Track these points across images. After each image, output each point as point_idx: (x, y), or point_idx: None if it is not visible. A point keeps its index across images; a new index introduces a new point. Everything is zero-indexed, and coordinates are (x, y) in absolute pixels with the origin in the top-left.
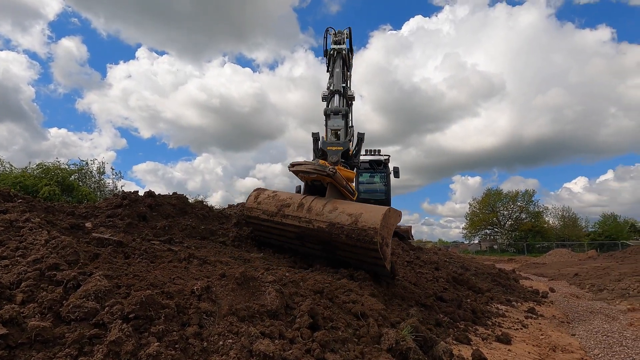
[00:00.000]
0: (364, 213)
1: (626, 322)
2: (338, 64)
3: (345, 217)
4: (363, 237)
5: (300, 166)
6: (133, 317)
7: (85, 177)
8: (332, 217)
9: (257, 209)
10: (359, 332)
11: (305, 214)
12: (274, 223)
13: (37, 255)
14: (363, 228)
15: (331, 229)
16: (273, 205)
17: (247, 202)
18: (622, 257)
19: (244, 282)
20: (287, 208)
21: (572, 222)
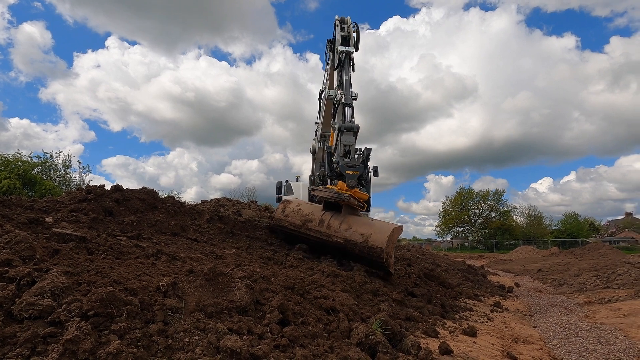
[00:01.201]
0: (373, 234)
1: (582, 314)
2: (348, 69)
3: (357, 236)
4: (372, 253)
5: (321, 192)
6: (92, 314)
7: (50, 171)
8: (347, 235)
9: (284, 220)
10: (329, 327)
11: (325, 229)
12: (299, 233)
13: None
14: (372, 247)
15: (346, 244)
16: (298, 219)
17: (275, 214)
18: (582, 254)
19: (213, 278)
20: (310, 223)
21: (538, 221)
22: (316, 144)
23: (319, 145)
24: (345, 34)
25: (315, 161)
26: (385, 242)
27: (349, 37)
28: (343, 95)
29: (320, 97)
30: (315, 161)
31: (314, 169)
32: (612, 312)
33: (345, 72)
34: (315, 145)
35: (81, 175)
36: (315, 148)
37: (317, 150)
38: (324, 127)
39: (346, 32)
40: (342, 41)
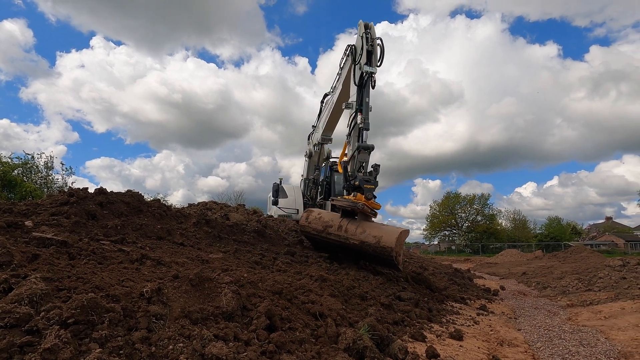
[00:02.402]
0: (384, 236)
1: (565, 316)
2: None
3: (371, 238)
4: (383, 252)
5: (340, 202)
6: (72, 322)
7: (31, 172)
8: (362, 238)
9: (308, 227)
10: (317, 332)
11: (344, 233)
12: (320, 237)
13: None
14: (383, 247)
15: (362, 245)
16: (319, 225)
17: (300, 221)
18: (564, 257)
19: (199, 284)
20: (330, 228)
21: (522, 225)
22: (312, 147)
23: (315, 150)
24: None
25: (310, 164)
26: (394, 243)
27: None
28: (364, 121)
29: (323, 101)
30: (310, 164)
31: (308, 172)
32: (593, 314)
33: (366, 93)
34: (311, 149)
35: (64, 177)
36: (311, 152)
37: (313, 154)
38: (325, 131)
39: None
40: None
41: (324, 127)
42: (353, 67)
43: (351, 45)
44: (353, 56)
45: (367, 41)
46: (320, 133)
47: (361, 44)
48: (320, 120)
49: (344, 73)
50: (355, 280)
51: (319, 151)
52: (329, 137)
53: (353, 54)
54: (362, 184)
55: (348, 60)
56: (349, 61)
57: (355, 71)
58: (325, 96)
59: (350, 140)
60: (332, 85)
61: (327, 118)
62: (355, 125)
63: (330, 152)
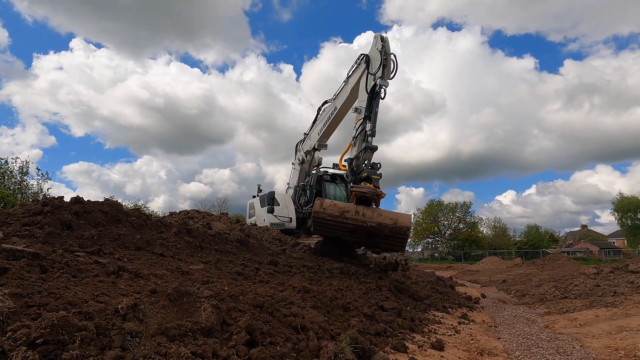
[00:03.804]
0: (400, 218)
1: (543, 324)
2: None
3: (388, 220)
4: (399, 232)
5: (360, 189)
6: (41, 342)
7: (4, 178)
8: (379, 220)
9: (323, 213)
10: (298, 347)
11: (361, 217)
12: (336, 222)
13: None
14: (400, 227)
15: (379, 227)
16: (335, 211)
17: (314, 208)
18: (542, 265)
19: (177, 298)
20: (347, 213)
21: (502, 232)
22: (304, 155)
23: (307, 158)
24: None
25: (300, 172)
26: (409, 223)
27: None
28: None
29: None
30: (300, 172)
31: (298, 179)
32: (569, 322)
33: (376, 104)
34: (303, 156)
35: (39, 183)
36: (303, 159)
37: (305, 161)
38: (322, 138)
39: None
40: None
41: (322, 133)
42: (367, 76)
43: (365, 55)
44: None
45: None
46: (316, 140)
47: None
48: (317, 127)
49: (352, 81)
50: (338, 291)
51: (310, 159)
52: (324, 144)
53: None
54: (371, 174)
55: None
56: (360, 70)
57: (368, 80)
58: (325, 103)
59: (356, 142)
60: (336, 93)
61: (328, 124)
62: (362, 131)
63: (321, 160)
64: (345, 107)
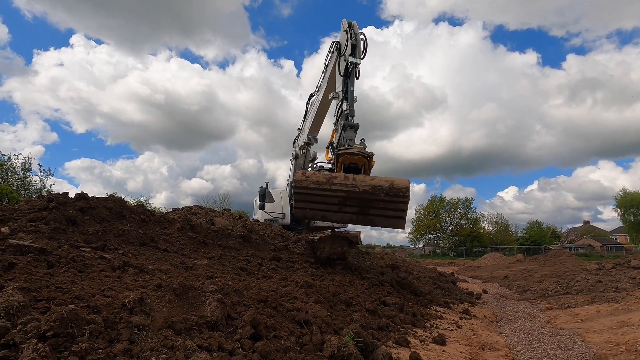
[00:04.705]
0: (396, 180)
1: (544, 319)
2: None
3: (383, 182)
4: (398, 193)
5: (347, 150)
6: (51, 335)
7: (7, 174)
8: (373, 183)
9: (306, 181)
10: (302, 340)
11: (352, 182)
12: (322, 190)
13: None
14: (398, 187)
15: (374, 190)
16: (322, 177)
17: (296, 177)
18: (544, 260)
19: (183, 293)
20: (335, 179)
21: (504, 228)
22: (298, 150)
23: (300, 152)
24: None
25: (296, 167)
26: (408, 184)
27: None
28: (349, 108)
29: (308, 102)
30: (296, 167)
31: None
32: (571, 317)
33: (351, 83)
34: (297, 152)
35: (42, 179)
36: (297, 154)
37: (299, 156)
38: (311, 131)
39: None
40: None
41: (310, 126)
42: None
43: (336, 42)
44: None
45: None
46: (307, 134)
47: (346, 38)
48: (307, 121)
49: (329, 70)
50: (340, 286)
51: (304, 154)
52: (314, 137)
53: (338, 49)
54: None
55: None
56: (334, 57)
57: (340, 63)
58: (311, 97)
59: (338, 127)
60: (317, 85)
61: (314, 116)
62: (341, 113)
63: (316, 154)
64: (326, 97)
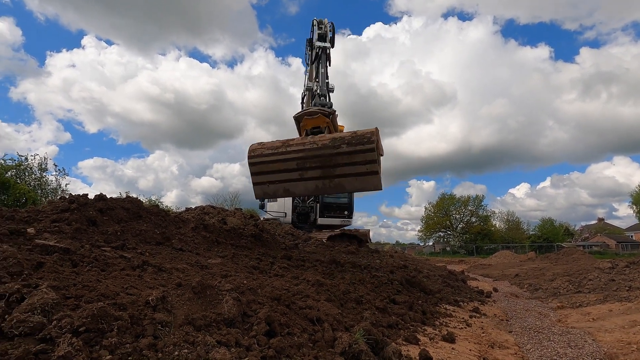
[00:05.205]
0: (359, 130)
1: (555, 318)
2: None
3: (345, 133)
4: (362, 140)
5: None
6: (83, 330)
7: (25, 174)
8: (334, 135)
9: (260, 149)
10: (314, 337)
11: (310, 139)
12: (278, 154)
13: None
14: (362, 134)
15: (334, 142)
16: (278, 142)
17: (250, 148)
18: (556, 259)
19: (201, 291)
20: (292, 141)
21: (516, 226)
22: None
23: None
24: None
25: None
26: (374, 128)
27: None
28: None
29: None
30: None
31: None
32: (582, 316)
33: (321, 65)
34: None
35: (57, 179)
36: None
37: None
38: None
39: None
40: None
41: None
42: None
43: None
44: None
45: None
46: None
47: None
48: None
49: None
50: (350, 285)
51: None
52: None
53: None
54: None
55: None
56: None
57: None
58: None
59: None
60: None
61: None
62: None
63: None
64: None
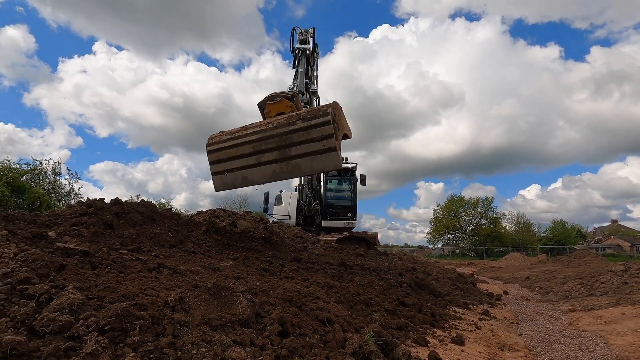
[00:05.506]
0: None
1: (566, 321)
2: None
3: (301, 112)
4: (317, 113)
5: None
6: (108, 329)
7: (39, 178)
8: (291, 114)
9: (219, 136)
10: (325, 338)
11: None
12: (234, 139)
13: (7, 269)
14: (318, 108)
15: (289, 120)
16: (237, 128)
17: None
18: (568, 261)
19: (216, 292)
20: (250, 125)
21: (526, 228)
22: None
23: None
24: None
25: None
26: (331, 105)
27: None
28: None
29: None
30: None
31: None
32: (594, 319)
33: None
34: None
35: (70, 183)
36: None
37: None
38: None
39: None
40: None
41: None
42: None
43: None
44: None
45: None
46: None
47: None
48: None
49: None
50: (360, 287)
51: None
52: None
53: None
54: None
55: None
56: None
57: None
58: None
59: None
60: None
61: None
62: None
63: None
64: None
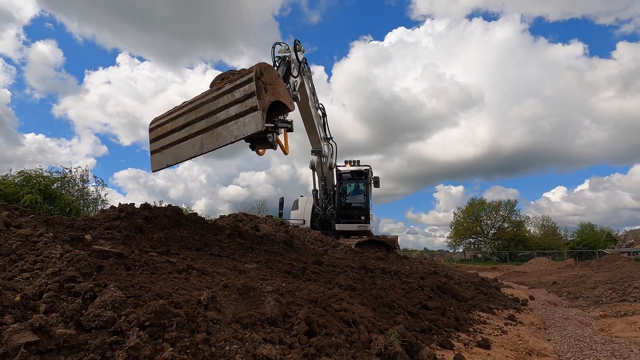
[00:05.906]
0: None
1: (598, 327)
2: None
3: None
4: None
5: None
6: (148, 325)
7: (68, 185)
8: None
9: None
10: (351, 338)
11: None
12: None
13: (55, 268)
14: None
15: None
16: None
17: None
18: (598, 266)
19: (245, 292)
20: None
21: (552, 231)
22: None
23: (317, 160)
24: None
25: (315, 176)
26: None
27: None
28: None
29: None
30: (316, 176)
31: (315, 184)
32: (627, 325)
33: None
34: (314, 160)
35: (97, 189)
36: (314, 163)
37: (315, 165)
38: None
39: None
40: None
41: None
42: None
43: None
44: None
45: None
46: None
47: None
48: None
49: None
50: (382, 290)
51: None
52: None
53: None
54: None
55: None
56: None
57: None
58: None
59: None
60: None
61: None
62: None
63: (331, 163)
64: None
